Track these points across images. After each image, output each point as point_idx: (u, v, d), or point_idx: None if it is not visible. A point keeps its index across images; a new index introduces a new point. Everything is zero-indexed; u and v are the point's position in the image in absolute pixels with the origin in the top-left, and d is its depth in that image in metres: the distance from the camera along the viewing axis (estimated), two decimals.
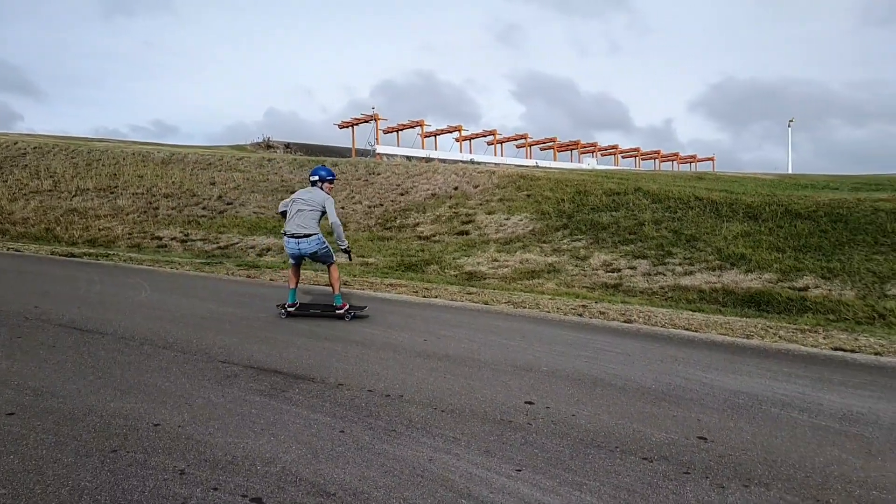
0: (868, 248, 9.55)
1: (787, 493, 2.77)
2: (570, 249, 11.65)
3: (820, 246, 9.93)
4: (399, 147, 42.61)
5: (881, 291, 8.13)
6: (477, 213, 14.73)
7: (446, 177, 17.80)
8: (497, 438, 3.39)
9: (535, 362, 5.05)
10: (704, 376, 4.74)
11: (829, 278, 8.73)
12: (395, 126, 44.96)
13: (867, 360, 5.44)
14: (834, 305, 7.88)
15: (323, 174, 7.09)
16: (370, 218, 15.88)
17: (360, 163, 21.12)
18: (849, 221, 10.54)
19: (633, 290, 9.40)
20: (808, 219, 11.07)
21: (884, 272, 8.55)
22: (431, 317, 7.07)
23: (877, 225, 10.14)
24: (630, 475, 2.94)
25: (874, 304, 7.75)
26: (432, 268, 11.41)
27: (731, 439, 3.41)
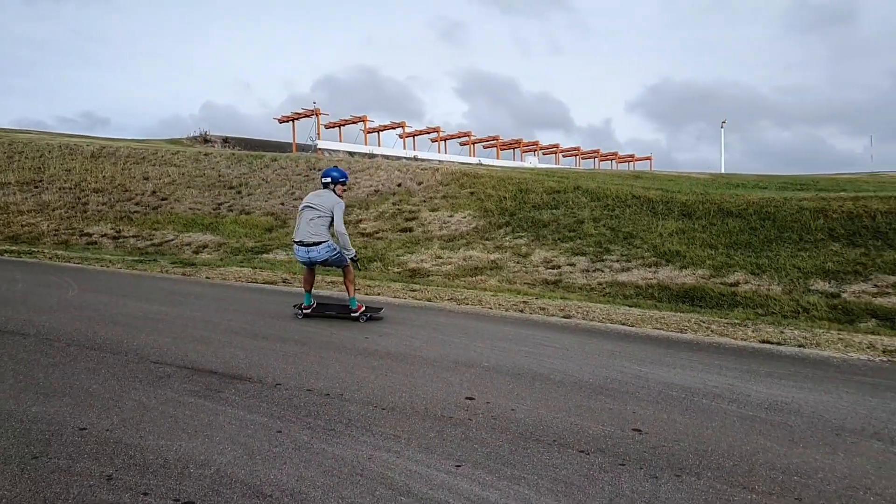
0: (793, 245, 10.00)
1: (716, 481, 2.87)
2: (513, 247, 11.77)
3: (750, 243, 10.33)
4: (341, 143, 42.19)
5: (805, 286, 8.52)
6: (421, 210, 14.71)
7: (389, 173, 17.71)
8: (437, 435, 3.39)
9: (476, 358, 5.08)
10: (640, 370, 4.86)
11: (758, 274, 9.09)
12: (336, 121, 44.50)
13: (792, 351, 5.70)
14: (762, 300, 8.22)
15: (335, 175, 6.79)
16: None
17: (300, 158, 20.77)
18: (776, 219, 11.00)
19: (573, 287, 9.58)
20: (738, 217, 11.50)
21: (808, 268, 8.98)
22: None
23: (801, 223, 10.62)
24: (567, 468, 2.99)
25: (799, 298, 8.12)
26: (375, 265, 11.33)
27: (664, 431, 3.50)
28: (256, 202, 16.90)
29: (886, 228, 9.67)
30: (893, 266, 8.53)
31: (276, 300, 7.92)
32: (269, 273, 10.37)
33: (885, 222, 9.84)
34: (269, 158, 20.54)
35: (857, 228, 9.94)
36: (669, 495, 2.72)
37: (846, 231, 9.98)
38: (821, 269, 8.84)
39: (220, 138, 38.96)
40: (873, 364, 5.25)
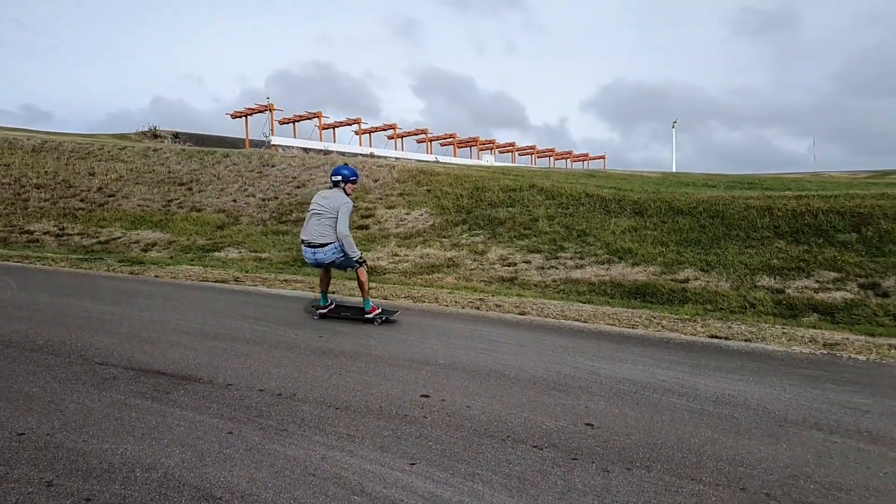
0: (741, 242, 10.28)
1: (665, 473, 2.93)
2: (469, 244, 11.80)
3: (699, 240, 10.59)
4: (296, 139, 41.65)
5: (752, 282, 8.77)
6: (377, 207, 14.63)
7: None
8: (392, 433, 3.37)
9: (432, 356, 5.07)
10: (592, 365, 4.93)
11: (707, 270, 9.32)
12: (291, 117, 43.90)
13: (739, 346, 5.86)
14: (711, 296, 8.43)
15: (346, 173, 6.54)
16: (264, 211, 15.39)
17: (253, 154, 20.40)
18: (724, 217, 11.30)
19: (528, 284, 9.65)
20: (688, 215, 11.77)
21: (754, 264, 9.25)
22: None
23: (748, 221, 10.93)
24: (521, 463, 3.01)
25: (746, 294, 8.36)
26: None
27: (615, 425, 3.56)
28: (208, 199, 16.53)
29: (827, 226, 10.04)
30: (833, 263, 8.85)
31: (228, 299, 7.76)
32: (221, 271, 10.16)
33: (826, 220, 10.20)
34: (221, 154, 20.12)
35: (801, 226, 10.29)
36: (620, 488, 2.77)
37: (790, 229, 10.32)
38: (766, 266, 9.12)
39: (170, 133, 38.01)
40: (814, 357, 5.44)
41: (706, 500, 2.67)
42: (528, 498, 2.68)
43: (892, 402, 4.12)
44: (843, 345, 5.83)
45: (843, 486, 2.83)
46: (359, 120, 46.63)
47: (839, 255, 9.02)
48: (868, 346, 5.77)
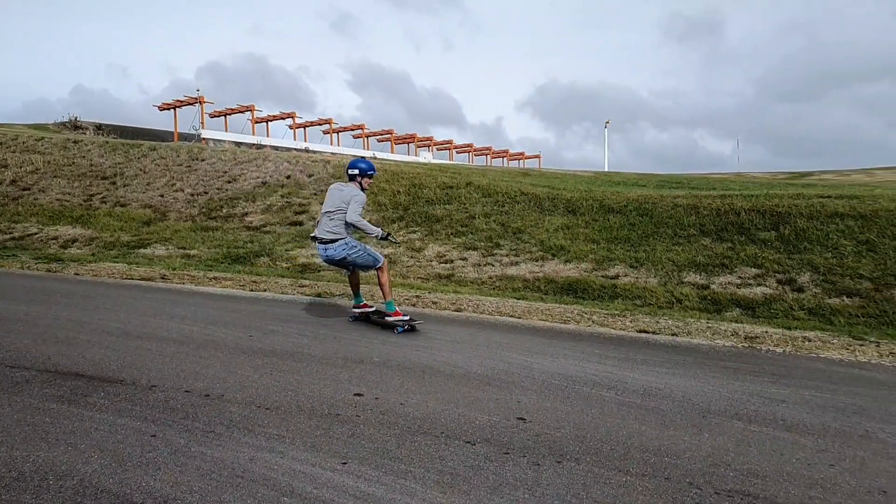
0: (669, 239, 10.63)
1: (594, 465, 2.99)
2: (406, 241, 11.76)
3: (629, 238, 10.89)
4: (227, 132, 40.53)
5: (679, 279, 9.09)
6: (311, 202, 14.38)
7: (278, 164, 17.17)
8: (323, 433, 3.31)
9: (366, 354, 5.02)
10: (526, 360, 5.00)
11: (636, 267, 9.60)
12: (222, 110, 42.70)
13: (666, 340, 6.06)
14: (640, 292, 8.68)
15: (363, 167, 6.25)
16: (193, 207, 14.90)
17: (182, 148, 19.71)
18: (653, 216, 11.66)
19: (465, 281, 9.70)
20: (619, 213, 12.09)
21: (681, 261, 9.58)
22: (259, 311, 6.78)
23: (676, 219, 11.31)
24: (454, 459, 3.01)
25: (673, 290, 8.65)
26: (262, 260, 10.96)
27: (547, 419, 3.61)
28: (133, 194, 15.87)
29: (749, 224, 10.50)
30: (754, 259, 9.27)
31: (154, 297, 7.47)
32: (147, 269, 9.78)
33: (748, 219, 10.67)
34: (148, 147, 19.35)
35: (725, 224, 10.73)
36: (550, 481, 2.81)
37: (715, 227, 10.74)
38: (693, 263, 9.46)
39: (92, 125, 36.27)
40: (736, 350, 5.68)
41: (633, 490, 2.74)
42: (460, 493, 2.68)
43: (805, 391, 4.34)
44: (762, 338, 6.11)
45: (760, 472, 2.96)
46: (293, 114, 45.78)
47: (760, 253, 9.45)
48: (785, 339, 6.07)
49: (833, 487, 2.82)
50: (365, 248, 6.06)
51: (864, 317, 7.35)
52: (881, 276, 8.18)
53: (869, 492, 2.79)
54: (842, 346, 5.82)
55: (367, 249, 6.07)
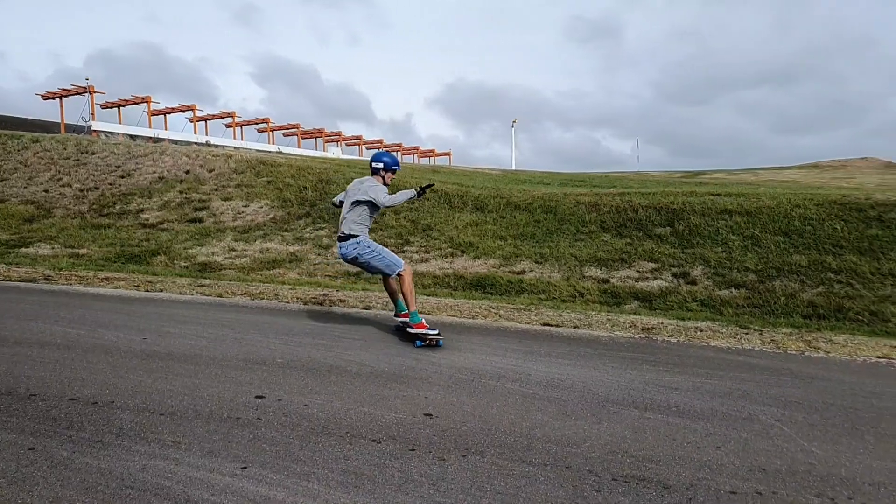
0: (572, 236, 10.98)
1: (498, 457, 3.02)
2: (313, 238, 11.53)
3: (534, 234, 11.16)
4: (121, 125, 38.31)
5: (581, 273, 9.39)
6: (212, 199, 13.83)
7: (176, 159, 16.39)
8: (222, 438, 3.18)
9: (269, 355, 4.86)
10: (433, 356, 5.00)
11: (541, 263, 9.84)
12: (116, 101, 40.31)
13: (568, 332, 6.23)
14: (545, 286, 8.91)
15: (387, 161, 5.86)
16: (82, 203, 13.98)
17: (69, 140, 18.44)
18: (557, 213, 12.00)
19: (374, 278, 9.61)
20: (525, 210, 12.36)
21: (583, 256, 9.91)
22: (154, 313, 6.44)
23: (578, 216, 11.69)
24: (359, 458, 2.96)
25: (576, 284, 8.93)
26: (159, 259, 10.43)
27: (453, 413, 3.63)
28: (13, 189, 14.70)
29: (646, 221, 11.00)
30: (651, 254, 9.72)
31: (36, 300, 6.94)
32: (29, 269, 9.07)
33: (646, 216, 11.18)
34: (30, 139, 17.97)
35: (624, 221, 11.19)
36: (456, 475, 2.81)
37: (614, 223, 11.18)
38: (594, 258, 9.81)
39: None
40: (634, 341, 5.92)
41: (535, 480, 2.79)
42: (364, 493, 2.64)
43: (697, 378, 4.59)
44: (658, 329, 6.41)
45: (654, 457, 3.09)
46: (193, 107, 43.89)
47: (656, 248, 9.93)
48: (679, 330, 6.39)
49: (719, 468, 2.98)
50: (380, 251, 5.59)
51: (750, 307, 7.87)
52: (764, 269, 8.78)
53: (751, 470, 2.97)
54: (730, 335, 6.19)
55: (383, 252, 5.60)
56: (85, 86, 36.63)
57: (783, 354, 5.51)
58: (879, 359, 5.40)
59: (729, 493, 2.73)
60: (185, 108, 43.76)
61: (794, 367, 5.03)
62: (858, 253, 8.95)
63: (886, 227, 9.54)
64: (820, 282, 8.30)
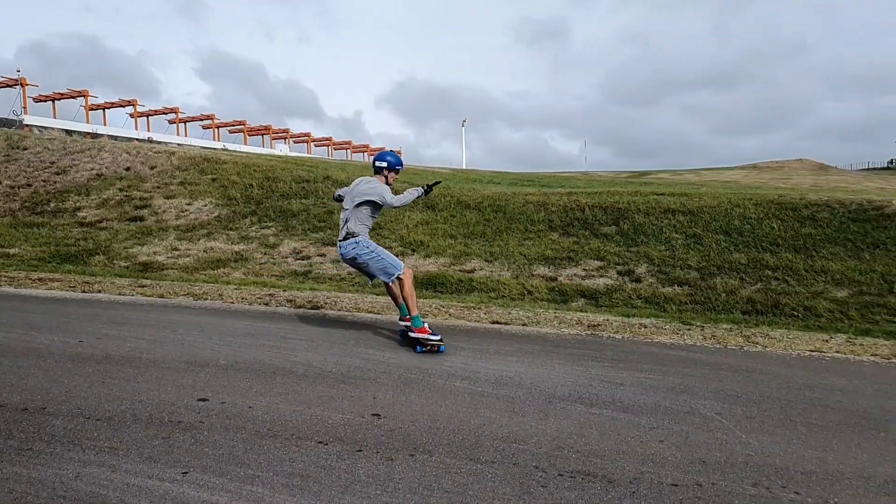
0: (520, 234, 11.08)
1: (446, 456, 3.02)
2: (259, 237, 11.31)
3: (484, 233, 11.21)
4: (56, 119, 36.81)
5: (530, 272, 9.49)
6: (154, 196, 13.41)
7: (116, 155, 15.83)
8: (162, 442, 3.08)
9: (212, 357, 4.74)
10: (382, 355, 4.97)
11: (491, 261, 9.90)
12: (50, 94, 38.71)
13: (517, 330, 6.28)
14: (494, 285, 8.96)
15: (391, 160, 5.64)
16: (13, 200, 13.37)
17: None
18: (506, 212, 12.10)
19: (323, 277, 9.50)
20: (475, 209, 12.42)
21: (532, 255, 10.01)
22: (92, 314, 6.20)
23: (527, 215, 11.82)
24: (305, 460, 2.91)
25: (524, 282, 9.02)
26: (98, 259, 10.05)
27: (401, 413, 3.60)
28: None
29: (593, 220, 11.20)
30: (598, 252, 9.90)
31: None
32: None
33: (592, 215, 11.38)
34: None
35: (571, 220, 11.36)
36: (403, 475, 2.80)
37: (562, 222, 11.34)
38: (542, 256, 9.92)
39: None
40: (580, 338, 6.01)
41: (482, 477, 2.80)
42: (310, 495, 2.60)
43: (641, 374, 4.69)
44: (603, 326, 6.52)
45: (599, 452, 3.14)
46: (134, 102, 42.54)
47: (602, 246, 10.11)
48: (624, 326, 6.52)
49: (662, 461, 3.05)
50: (379, 253, 5.36)
51: (692, 303, 8.09)
52: (706, 267, 9.05)
53: (692, 463, 3.05)
54: (673, 331, 6.35)
55: (383, 254, 5.36)
56: (16, 78, 35.04)
57: (723, 349, 5.68)
58: (812, 352, 5.62)
59: (671, 485, 2.80)
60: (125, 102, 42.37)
61: (733, 362, 5.20)
62: (794, 251, 9.32)
63: (819, 226, 9.97)
64: (758, 279, 8.61)
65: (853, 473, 3.00)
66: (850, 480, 2.92)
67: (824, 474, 2.97)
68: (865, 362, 5.34)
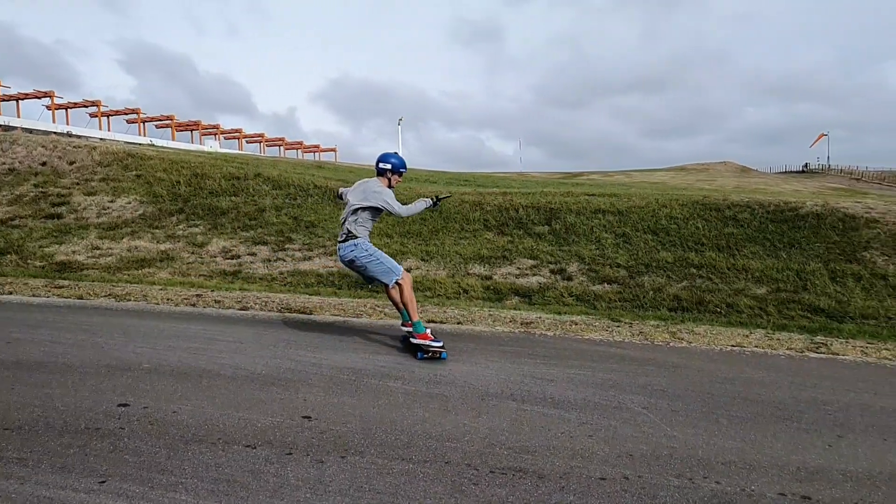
0: (456, 234, 11.12)
1: (378, 456, 2.98)
2: (187, 235, 10.94)
3: (420, 232, 11.20)
4: None
5: (465, 270, 9.54)
6: (73, 193, 12.77)
7: (30, 149, 14.99)
8: (79, 451, 2.92)
9: (135, 360, 4.54)
10: (314, 356, 4.88)
11: (427, 260, 9.90)
12: None
13: (452, 328, 6.30)
14: (430, 283, 8.96)
15: (395, 163, 5.35)
16: None
17: None
18: (442, 211, 12.10)
19: (253, 277, 9.28)
20: None
21: (467, 254, 10.07)
22: (2, 318, 5.85)
23: (463, 215, 11.87)
24: (232, 465, 2.82)
25: (460, 281, 9.06)
26: (9, 258, 9.49)
27: (333, 415, 3.54)
28: None
29: (527, 220, 11.36)
30: (531, 251, 10.05)
31: None
32: None
33: (526, 215, 11.54)
34: None
35: (506, 220, 11.49)
36: (334, 477, 2.75)
37: (497, 222, 11.45)
38: (477, 255, 9.99)
39: None
40: (514, 335, 6.08)
41: (414, 477, 2.78)
42: (237, 500, 2.52)
43: (571, 370, 4.78)
44: (536, 323, 6.62)
45: (530, 448, 3.17)
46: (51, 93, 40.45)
47: (535, 245, 10.27)
48: (556, 324, 6.64)
49: (591, 456, 3.11)
50: (379, 257, 5.22)
51: (621, 301, 8.32)
52: (634, 265, 9.32)
53: (619, 456, 3.13)
54: (602, 328, 6.51)
55: (382, 258, 5.23)
56: None
57: (651, 345, 5.86)
58: (734, 347, 5.87)
59: (599, 479, 2.86)
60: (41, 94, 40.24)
61: (660, 357, 5.37)
62: (717, 250, 9.72)
63: (741, 226, 10.43)
64: (684, 276, 8.93)
65: (769, 462, 3.14)
66: (766, 469, 3.05)
67: (743, 464, 3.10)
68: (781, 356, 5.62)
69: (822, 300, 7.99)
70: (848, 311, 7.68)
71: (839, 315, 7.63)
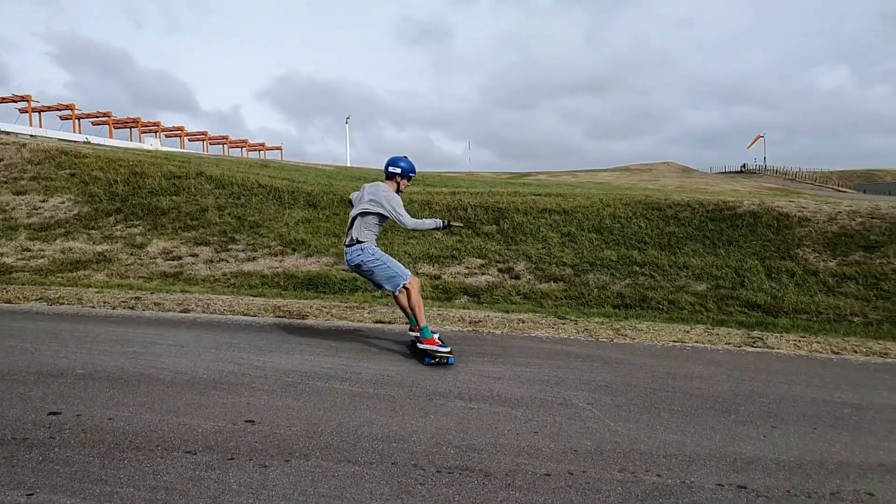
0: (405, 233, 11.07)
1: (323, 459, 2.94)
2: (125, 236, 10.57)
3: None
4: None
5: (414, 270, 9.49)
6: (0, 192, 12.18)
7: None
8: (5, 462, 2.79)
9: (68, 366, 4.35)
10: (258, 359, 4.77)
11: None
12: None
13: (401, 329, 6.24)
14: None
15: (404, 167, 5.25)
16: None
17: None
18: None
19: (195, 279, 9.03)
20: None
21: (416, 254, 10.04)
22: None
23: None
24: (170, 472, 2.73)
25: None
26: None
27: (277, 418, 3.47)
28: None
29: (475, 219, 11.41)
30: (480, 251, 10.09)
31: None
32: None
33: (474, 214, 11.59)
34: None
35: (454, 219, 11.50)
36: (277, 481, 2.69)
37: None
38: (427, 255, 9.98)
39: None
40: (462, 334, 6.09)
41: (360, 479, 2.75)
42: None
43: (518, 367, 4.82)
44: (484, 322, 6.65)
45: (477, 446, 3.18)
46: None
47: (484, 245, 10.32)
48: (503, 322, 6.68)
49: (536, 453, 3.14)
50: (386, 261, 5.10)
51: (567, 299, 8.44)
52: (579, 264, 9.47)
53: (564, 452, 3.16)
54: (548, 326, 6.59)
55: (389, 263, 5.10)
56: None
57: (595, 342, 5.96)
58: (675, 342, 6.03)
59: (544, 475, 2.88)
60: None
61: (604, 354, 5.47)
62: (659, 248, 9.96)
63: (682, 225, 10.73)
64: (627, 274, 9.13)
65: (707, 454, 3.23)
66: (704, 461, 3.14)
67: (683, 456, 3.18)
68: (720, 350, 5.80)
69: (758, 296, 8.29)
70: (782, 307, 7.99)
71: (774, 310, 7.93)
